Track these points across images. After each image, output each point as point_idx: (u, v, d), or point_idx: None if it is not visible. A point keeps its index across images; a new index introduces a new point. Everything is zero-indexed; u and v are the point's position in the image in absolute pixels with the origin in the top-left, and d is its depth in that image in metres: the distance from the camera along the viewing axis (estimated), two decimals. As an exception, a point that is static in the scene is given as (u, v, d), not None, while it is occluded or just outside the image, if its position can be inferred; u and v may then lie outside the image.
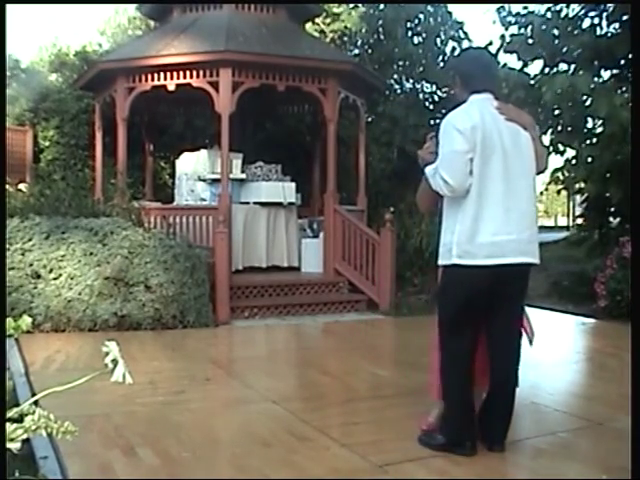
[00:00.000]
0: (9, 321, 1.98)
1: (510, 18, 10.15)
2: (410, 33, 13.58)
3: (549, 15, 9.89)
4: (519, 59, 10.03)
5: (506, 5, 10.30)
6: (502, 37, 10.22)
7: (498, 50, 10.28)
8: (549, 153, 9.50)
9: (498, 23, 10.31)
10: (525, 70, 9.97)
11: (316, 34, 13.39)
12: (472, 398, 3.27)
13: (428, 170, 3.30)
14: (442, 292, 3.36)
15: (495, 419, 3.28)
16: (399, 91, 13.68)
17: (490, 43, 10.66)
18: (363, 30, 13.74)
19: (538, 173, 3.36)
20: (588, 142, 8.88)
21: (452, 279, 3.25)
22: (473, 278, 3.16)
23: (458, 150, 3.13)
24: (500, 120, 3.20)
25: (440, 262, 3.29)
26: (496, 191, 3.14)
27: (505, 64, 10.29)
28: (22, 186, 9.84)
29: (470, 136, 3.11)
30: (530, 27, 9.84)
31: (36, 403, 1.95)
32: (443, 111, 3.52)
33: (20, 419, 1.79)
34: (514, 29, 10.13)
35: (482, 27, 37.79)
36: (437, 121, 10.83)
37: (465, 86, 3.34)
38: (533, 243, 3.22)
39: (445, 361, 3.29)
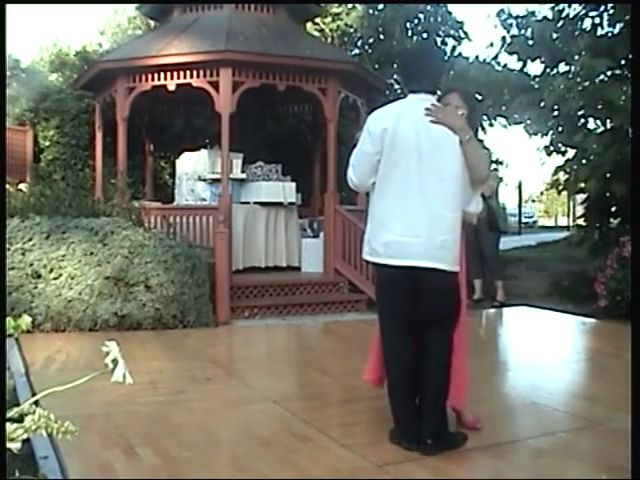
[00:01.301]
0: (9, 320, 1.98)
1: (511, 20, 10.16)
2: (410, 32, 13.59)
3: (550, 16, 9.90)
4: (519, 60, 10.04)
5: (506, 8, 10.31)
6: (503, 39, 10.22)
7: (499, 52, 10.29)
8: (550, 153, 9.51)
9: (499, 26, 10.31)
10: (525, 71, 9.97)
11: (316, 33, 13.39)
12: (414, 396, 3.27)
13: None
14: (375, 288, 3.52)
15: (422, 422, 3.23)
16: (399, 91, 13.69)
17: (491, 45, 10.66)
18: (363, 30, 13.75)
19: (480, 180, 3.31)
20: (591, 140, 8.86)
21: (376, 275, 3.44)
22: (385, 276, 3.30)
23: (365, 150, 3.26)
24: (423, 122, 3.18)
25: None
26: (404, 193, 3.16)
27: (505, 65, 10.30)
28: (22, 186, 9.85)
29: (378, 139, 3.18)
30: (530, 29, 9.85)
31: (36, 403, 1.95)
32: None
33: (20, 419, 1.80)
34: (515, 31, 10.13)
35: (483, 28, 37.79)
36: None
37: (405, 84, 3.40)
38: (446, 249, 3.17)
39: (385, 359, 3.38)
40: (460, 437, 3.32)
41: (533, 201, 51.78)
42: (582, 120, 9.06)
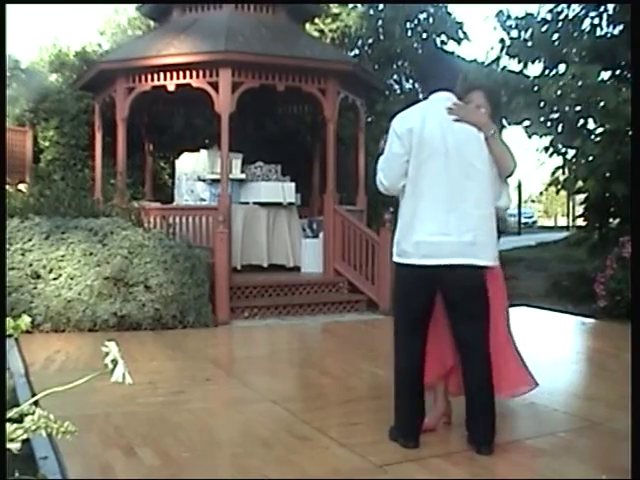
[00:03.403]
0: (8, 321, 1.98)
1: (510, 22, 10.15)
2: (410, 33, 13.59)
3: (549, 17, 9.90)
4: (519, 62, 10.04)
5: (505, 9, 10.31)
6: (502, 41, 10.21)
7: (499, 55, 10.27)
8: (550, 155, 9.50)
9: (499, 28, 10.30)
10: (525, 73, 9.98)
11: (316, 34, 13.39)
12: (417, 395, 3.30)
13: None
14: (395, 289, 3.49)
15: (474, 422, 3.26)
16: (399, 91, 13.69)
17: (491, 49, 10.65)
18: (363, 30, 13.75)
19: (508, 175, 3.33)
20: (590, 141, 8.87)
21: (398, 277, 3.38)
22: (412, 277, 3.25)
23: (393, 152, 3.26)
24: (448, 121, 3.20)
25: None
26: (434, 192, 3.17)
27: (504, 67, 10.29)
28: (22, 186, 9.86)
29: (406, 139, 3.20)
30: (530, 30, 9.85)
31: (36, 403, 1.95)
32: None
33: (20, 419, 1.80)
34: (514, 33, 10.13)
35: (482, 30, 37.81)
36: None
37: (424, 87, 3.44)
38: (478, 245, 3.17)
39: (395, 357, 3.36)
40: None
41: (532, 201, 51.79)
42: (581, 121, 9.07)
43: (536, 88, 9.03)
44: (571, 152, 9.31)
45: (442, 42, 13.75)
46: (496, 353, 3.33)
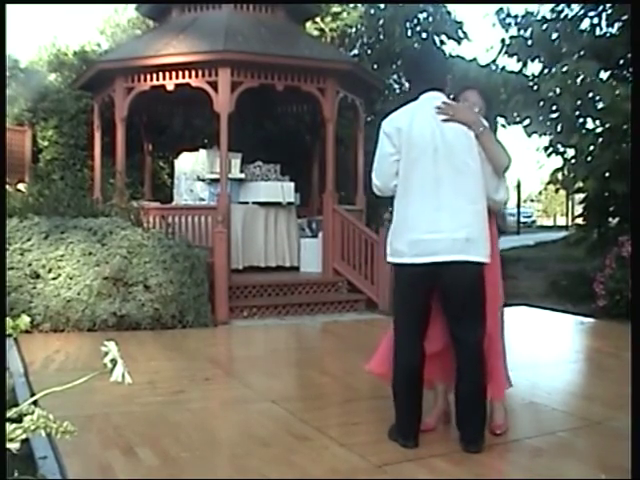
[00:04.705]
0: (8, 320, 1.98)
1: (509, 20, 10.16)
2: (410, 32, 13.58)
3: (549, 16, 9.90)
4: (519, 61, 10.05)
5: (505, 7, 10.31)
6: (502, 40, 10.22)
7: (499, 53, 10.28)
8: (549, 154, 9.51)
9: (498, 26, 10.31)
10: (524, 72, 9.98)
11: (316, 33, 13.39)
12: (416, 395, 3.29)
13: None
14: (394, 289, 3.49)
15: (462, 419, 3.26)
16: (398, 91, 13.68)
17: (491, 47, 10.67)
18: (363, 29, 13.75)
19: (504, 170, 3.33)
20: (589, 138, 8.86)
21: (396, 277, 3.39)
22: (407, 276, 3.26)
23: (383, 153, 3.30)
24: (437, 120, 3.21)
25: None
26: (424, 190, 3.19)
27: (504, 67, 10.30)
28: (21, 186, 9.85)
29: (395, 139, 3.23)
30: (530, 29, 9.86)
31: (35, 403, 1.95)
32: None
33: (19, 419, 1.79)
34: (513, 31, 10.14)
35: (481, 29, 37.79)
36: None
37: (414, 87, 3.46)
38: (473, 242, 3.17)
39: (394, 356, 3.35)
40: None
41: (532, 201, 51.84)
42: (580, 120, 9.07)
43: (535, 87, 9.04)
44: (570, 152, 9.31)
45: (442, 42, 13.75)
46: (488, 354, 3.33)
